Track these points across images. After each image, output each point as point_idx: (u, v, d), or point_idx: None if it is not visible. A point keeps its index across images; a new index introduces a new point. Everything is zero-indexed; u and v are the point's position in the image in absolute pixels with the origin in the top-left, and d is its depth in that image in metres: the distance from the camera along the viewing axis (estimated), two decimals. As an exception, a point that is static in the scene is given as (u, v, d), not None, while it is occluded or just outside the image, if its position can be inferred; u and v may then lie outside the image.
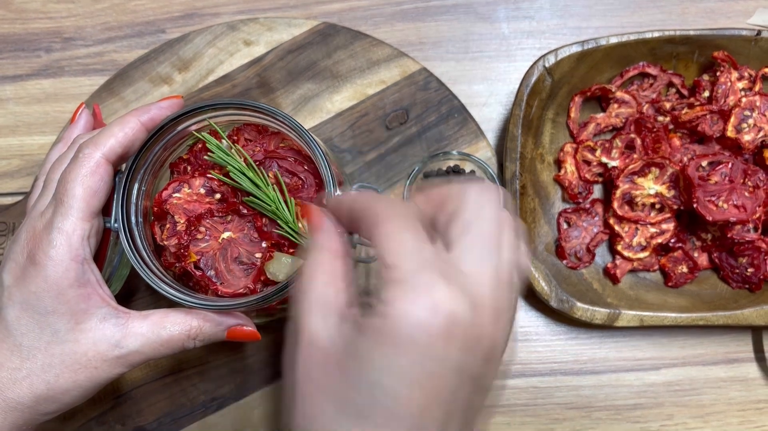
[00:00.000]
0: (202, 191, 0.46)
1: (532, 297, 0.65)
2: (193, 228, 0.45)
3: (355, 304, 0.34)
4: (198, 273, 0.45)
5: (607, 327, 0.64)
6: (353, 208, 0.36)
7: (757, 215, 0.59)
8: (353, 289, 0.35)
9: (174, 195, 0.46)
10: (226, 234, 0.46)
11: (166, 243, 0.46)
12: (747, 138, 0.61)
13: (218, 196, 0.46)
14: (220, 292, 0.45)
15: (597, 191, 0.66)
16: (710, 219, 0.58)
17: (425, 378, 0.30)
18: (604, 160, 0.64)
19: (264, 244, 0.46)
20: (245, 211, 0.46)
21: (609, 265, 0.63)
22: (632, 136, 0.63)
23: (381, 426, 0.30)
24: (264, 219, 0.46)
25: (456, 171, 0.62)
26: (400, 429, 0.30)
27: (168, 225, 0.46)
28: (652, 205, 0.62)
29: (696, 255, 0.63)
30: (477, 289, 0.32)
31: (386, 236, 0.32)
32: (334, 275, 0.35)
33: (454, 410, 0.32)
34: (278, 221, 0.46)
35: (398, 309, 0.30)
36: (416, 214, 0.34)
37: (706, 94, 0.64)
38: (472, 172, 0.61)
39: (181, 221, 0.46)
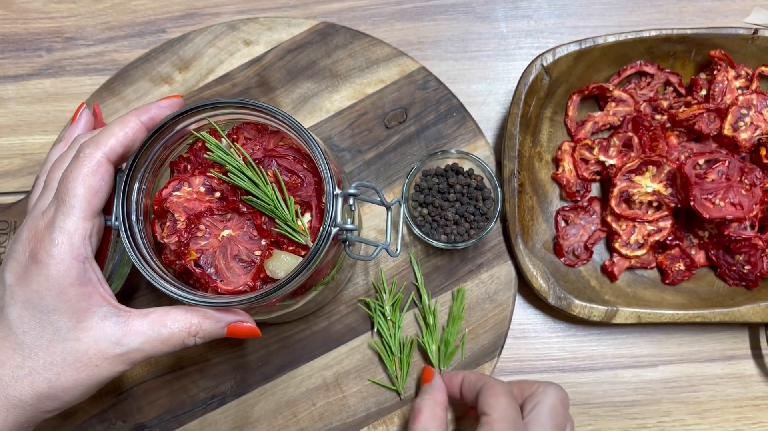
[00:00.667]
0: (202, 189, 0.46)
1: (530, 295, 0.65)
2: (193, 226, 0.46)
3: None
4: (198, 270, 0.46)
5: (604, 325, 0.64)
6: (470, 379, 0.55)
7: (754, 213, 0.59)
8: None
9: (174, 193, 0.46)
10: (225, 232, 0.46)
11: (166, 241, 0.46)
12: (744, 136, 0.62)
13: (218, 194, 0.47)
14: (220, 290, 0.45)
15: (595, 189, 0.66)
16: (707, 216, 0.59)
17: None
18: (602, 158, 0.64)
19: (263, 242, 0.47)
20: (245, 209, 0.47)
21: (607, 263, 0.64)
22: (630, 134, 0.64)
23: None
24: (263, 218, 0.46)
25: (455, 170, 0.62)
26: None
27: (168, 224, 0.46)
28: (650, 203, 0.62)
29: (693, 252, 0.64)
30: None
31: (494, 397, 0.51)
32: (436, 421, 0.53)
33: None
34: (277, 219, 0.46)
35: None
36: (511, 392, 0.53)
37: (703, 92, 0.64)
38: (471, 170, 0.62)
39: (181, 219, 0.46)
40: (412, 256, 0.63)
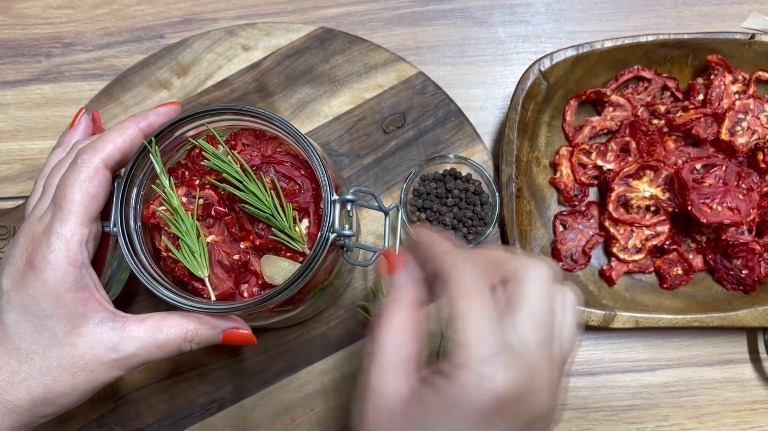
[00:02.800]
0: (185, 200, 0.46)
1: (529, 300, 0.65)
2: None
3: (423, 365, 0.37)
4: (187, 276, 0.46)
5: (603, 329, 0.64)
6: (428, 257, 0.39)
7: (751, 217, 0.60)
8: (424, 346, 0.38)
9: (160, 208, 0.46)
10: (210, 238, 0.47)
11: (160, 247, 0.47)
12: (741, 141, 0.62)
13: (201, 201, 0.47)
14: (204, 295, 0.46)
15: (592, 194, 0.66)
16: (705, 221, 0.59)
17: None
18: (600, 162, 0.64)
19: (242, 245, 0.47)
20: (218, 212, 0.47)
21: (604, 267, 0.64)
22: (627, 139, 0.64)
23: None
24: (238, 221, 0.47)
25: (453, 175, 0.62)
26: None
27: (162, 234, 0.47)
28: (647, 208, 0.62)
29: (691, 257, 0.64)
30: (533, 367, 0.35)
31: (464, 315, 0.35)
32: (407, 332, 0.37)
33: None
34: (274, 226, 0.46)
35: (462, 383, 0.34)
36: (485, 280, 0.37)
37: (701, 97, 0.64)
38: (469, 175, 0.62)
39: (169, 230, 0.46)
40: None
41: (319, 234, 0.43)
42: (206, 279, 0.46)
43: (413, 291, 0.39)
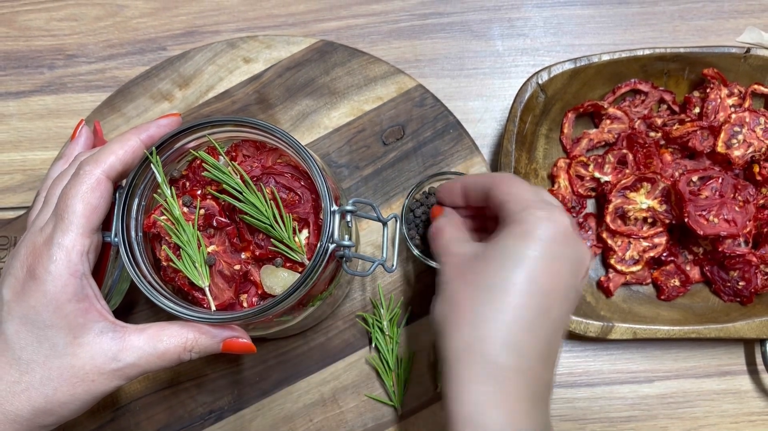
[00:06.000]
0: (186, 210, 0.47)
1: (527, 311, 0.65)
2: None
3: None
4: (187, 286, 0.46)
5: (600, 340, 0.65)
6: (467, 184, 0.51)
7: (748, 229, 0.60)
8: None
9: (162, 217, 0.47)
10: (210, 248, 0.47)
11: (160, 257, 0.47)
12: (737, 153, 0.62)
13: (203, 211, 0.47)
14: (205, 305, 0.46)
15: (590, 205, 0.67)
16: (701, 233, 0.59)
17: (551, 266, 0.42)
18: (597, 174, 0.65)
19: (243, 256, 0.47)
20: (221, 223, 0.47)
21: (602, 278, 0.64)
22: (624, 151, 0.64)
23: (515, 296, 0.41)
24: (239, 231, 0.47)
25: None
26: (532, 304, 0.41)
27: (163, 244, 0.47)
28: (645, 219, 0.63)
29: (688, 268, 0.64)
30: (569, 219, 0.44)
31: (508, 185, 0.46)
32: (458, 224, 0.51)
33: (567, 308, 0.43)
34: (273, 237, 0.46)
35: (533, 218, 0.42)
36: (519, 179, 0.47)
37: (697, 110, 0.65)
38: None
39: (170, 240, 0.47)
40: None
41: (318, 245, 0.44)
42: (207, 289, 0.46)
43: (456, 215, 0.53)
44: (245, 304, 0.47)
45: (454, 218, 0.52)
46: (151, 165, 0.45)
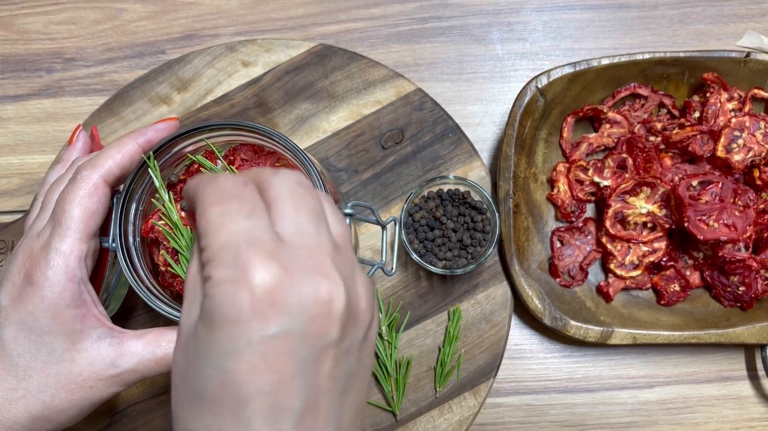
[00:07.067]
0: (183, 214, 0.47)
1: (526, 315, 0.65)
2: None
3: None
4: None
5: (600, 345, 0.64)
6: (188, 192, 0.34)
7: (748, 234, 0.60)
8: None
9: (160, 222, 0.46)
10: None
11: (159, 262, 0.47)
12: (737, 158, 0.62)
13: None
14: None
15: (590, 210, 0.67)
16: (701, 238, 0.59)
17: (266, 355, 0.28)
18: (597, 179, 0.64)
19: None
20: None
21: (602, 283, 0.64)
22: (624, 155, 0.64)
23: (231, 408, 0.29)
24: None
25: (452, 195, 0.62)
26: (254, 413, 0.29)
27: (161, 249, 0.47)
28: (644, 224, 0.63)
29: (688, 273, 0.64)
30: (300, 253, 0.30)
31: (207, 222, 0.30)
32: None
33: (319, 385, 0.30)
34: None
35: (217, 290, 0.28)
36: (240, 190, 0.32)
37: (697, 114, 0.65)
38: (467, 192, 0.62)
39: (168, 245, 0.46)
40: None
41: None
42: None
43: None
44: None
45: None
46: (149, 169, 0.45)
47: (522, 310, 0.65)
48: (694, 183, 0.61)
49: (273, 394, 0.29)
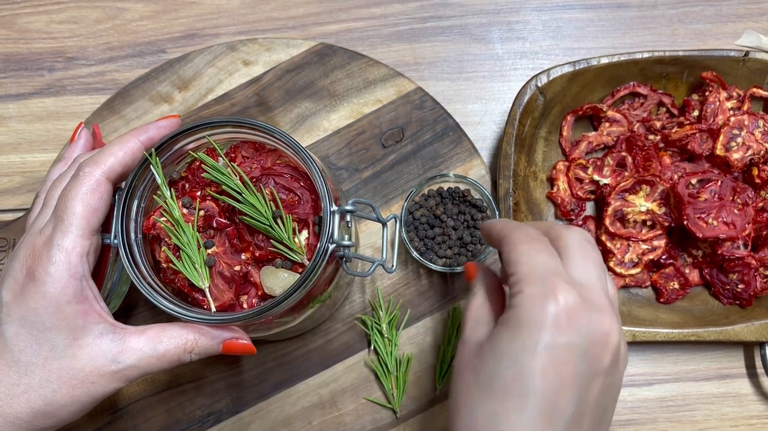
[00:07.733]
0: (185, 211, 0.47)
1: (526, 313, 0.65)
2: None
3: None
4: (187, 287, 0.46)
5: (600, 343, 0.64)
6: (488, 232, 0.46)
7: (747, 232, 0.60)
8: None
9: (161, 218, 0.47)
10: (210, 249, 0.47)
11: (160, 259, 0.47)
12: (736, 156, 0.62)
13: (202, 212, 0.47)
14: (205, 306, 0.46)
15: (589, 208, 0.67)
16: (700, 236, 0.59)
17: (555, 360, 0.36)
18: (596, 177, 0.65)
19: (243, 256, 0.47)
20: (220, 223, 0.47)
21: (601, 281, 0.64)
22: (623, 154, 0.64)
23: (517, 397, 0.36)
24: (239, 232, 0.47)
25: (452, 193, 0.62)
26: (535, 405, 0.36)
27: (163, 245, 0.47)
28: (644, 222, 0.63)
29: (687, 271, 0.64)
30: (589, 293, 0.39)
31: (513, 244, 0.41)
32: (485, 298, 0.45)
33: (587, 403, 0.37)
34: (273, 238, 0.46)
35: (527, 300, 0.37)
36: (541, 236, 0.42)
37: (696, 113, 0.65)
38: (467, 190, 0.62)
39: (170, 242, 0.47)
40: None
41: (318, 245, 0.44)
42: (207, 290, 0.46)
43: (490, 274, 0.47)
44: (245, 305, 0.47)
45: (485, 283, 0.46)
46: (151, 166, 0.45)
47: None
48: (693, 181, 0.61)
49: (554, 395, 0.36)
